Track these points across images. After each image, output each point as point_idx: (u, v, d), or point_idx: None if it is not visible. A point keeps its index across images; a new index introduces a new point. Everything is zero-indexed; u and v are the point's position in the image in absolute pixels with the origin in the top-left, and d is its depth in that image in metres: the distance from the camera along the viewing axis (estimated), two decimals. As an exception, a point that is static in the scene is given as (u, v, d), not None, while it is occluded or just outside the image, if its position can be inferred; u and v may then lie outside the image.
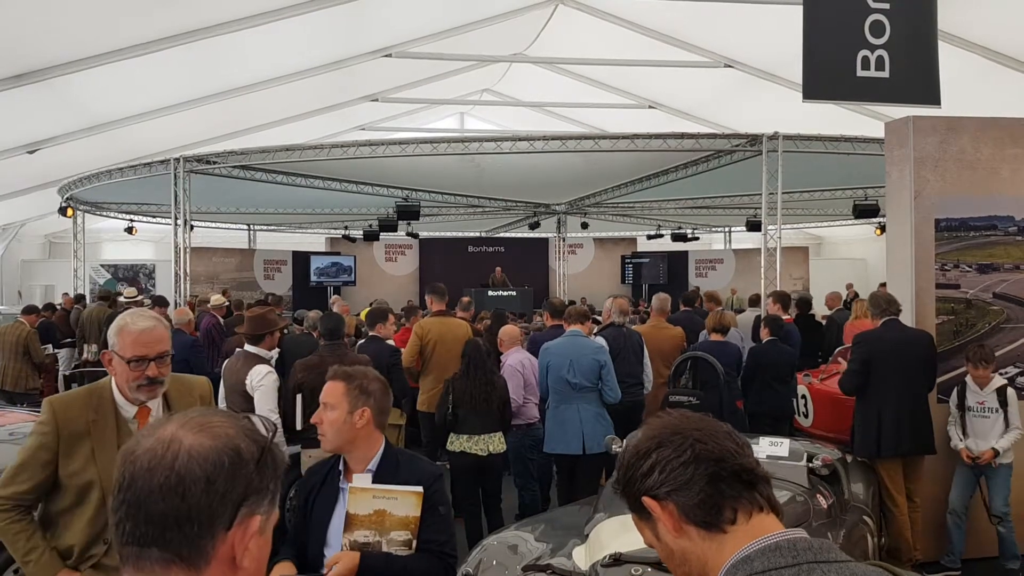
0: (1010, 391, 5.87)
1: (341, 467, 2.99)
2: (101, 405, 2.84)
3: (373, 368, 6.04)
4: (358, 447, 2.96)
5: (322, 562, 2.85)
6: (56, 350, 12.93)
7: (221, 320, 10.99)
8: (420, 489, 2.80)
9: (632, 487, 1.43)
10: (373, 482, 2.85)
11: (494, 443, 6.25)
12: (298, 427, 5.83)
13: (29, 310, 11.80)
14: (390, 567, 2.76)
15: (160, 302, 11.91)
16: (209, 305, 11.78)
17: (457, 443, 6.25)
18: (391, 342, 7.85)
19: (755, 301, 11.86)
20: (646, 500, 1.39)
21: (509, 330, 7.55)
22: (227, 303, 12.55)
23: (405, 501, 2.77)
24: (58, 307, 15.07)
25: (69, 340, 13.46)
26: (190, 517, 1.12)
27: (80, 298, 15.95)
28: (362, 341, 7.44)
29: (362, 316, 9.41)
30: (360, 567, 2.70)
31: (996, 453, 5.81)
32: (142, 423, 2.81)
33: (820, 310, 13.25)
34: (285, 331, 9.15)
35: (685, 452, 1.37)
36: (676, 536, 1.38)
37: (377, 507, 2.78)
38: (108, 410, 2.84)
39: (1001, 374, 6.17)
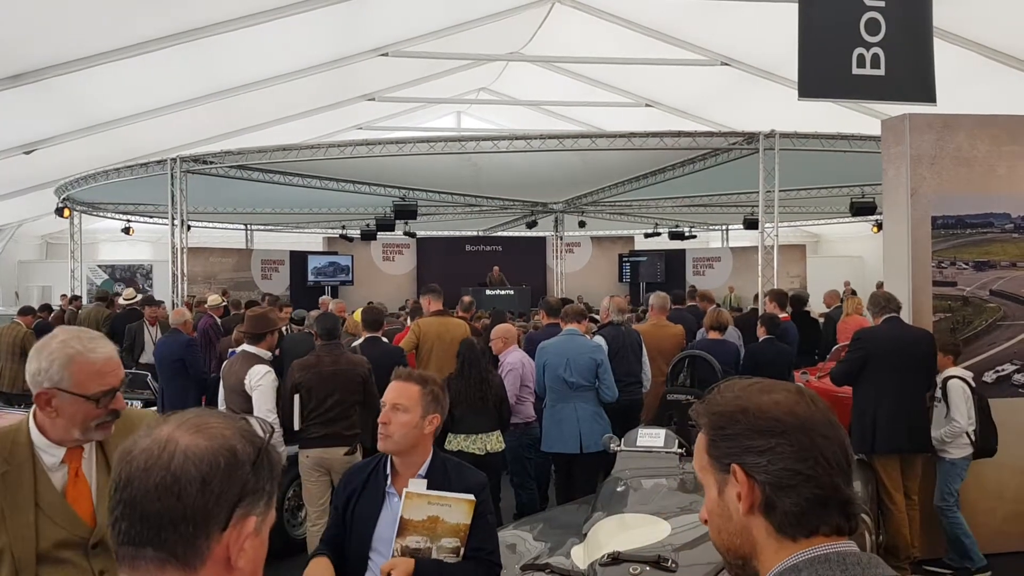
0: (952, 383, 5.89)
1: (389, 471, 2.94)
2: (15, 452, 2.19)
3: (367, 369, 6.04)
4: (416, 453, 2.92)
5: (367, 566, 2.85)
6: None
7: (218, 320, 10.99)
8: (473, 497, 2.79)
9: (728, 444, 1.35)
10: (410, 483, 2.85)
11: (492, 442, 6.25)
12: (296, 427, 5.83)
13: (25, 311, 11.79)
14: (442, 575, 2.74)
15: (150, 302, 11.88)
16: (206, 305, 11.77)
17: (455, 442, 6.23)
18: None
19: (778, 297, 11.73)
20: (736, 468, 1.33)
21: (503, 329, 7.48)
22: (224, 303, 12.54)
23: (458, 508, 2.76)
24: (56, 308, 15.05)
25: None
26: (185, 517, 1.12)
27: (75, 299, 15.92)
28: (360, 342, 7.42)
29: (355, 316, 9.39)
30: (413, 574, 2.69)
31: None
32: (74, 470, 2.25)
33: (820, 308, 13.26)
34: (284, 331, 9.16)
35: (805, 461, 1.30)
36: (745, 512, 1.33)
37: (431, 513, 2.75)
38: (24, 458, 2.19)
39: (997, 371, 6.20)
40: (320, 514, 5.79)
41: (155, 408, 8.76)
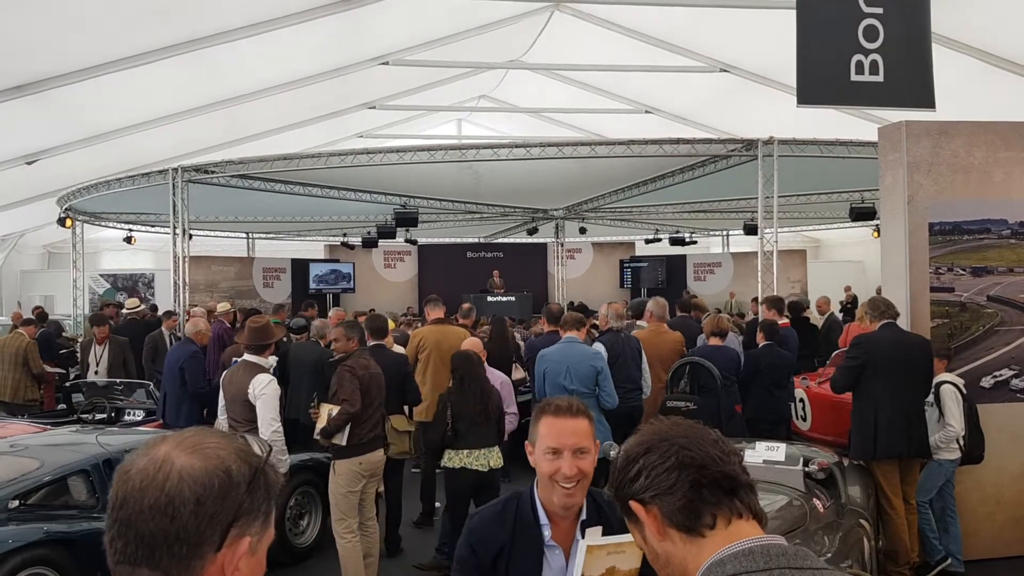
0: (944, 388, 5.92)
1: (546, 521, 2.44)
2: None
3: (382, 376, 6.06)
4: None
5: None
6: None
7: (228, 325, 11.17)
8: None
9: (621, 491, 1.47)
10: (586, 534, 2.44)
11: (493, 458, 6.07)
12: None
13: (28, 322, 11.82)
14: None
15: (168, 313, 12.02)
16: (217, 313, 11.95)
17: (456, 459, 5.98)
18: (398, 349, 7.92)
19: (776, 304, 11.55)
20: (633, 504, 1.44)
21: (470, 344, 6.82)
22: (233, 311, 12.68)
23: (632, 554, 2.37)
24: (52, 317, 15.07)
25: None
26: (179, 537, 1.14)
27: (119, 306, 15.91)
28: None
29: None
30: None
31: None
32: None
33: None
34: (284, 339, 9.20)
35: (670, 458, 1.41)
36: (660, 539, 1.42)
37: (609, 564, 2.37)
38: None
39: (995, 376, 6.22)
40: (355, 527, 5.72)
41: (156, 419, 8.80)
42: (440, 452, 6.10)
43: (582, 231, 22.13)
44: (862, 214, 16.01)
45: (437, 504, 7.61)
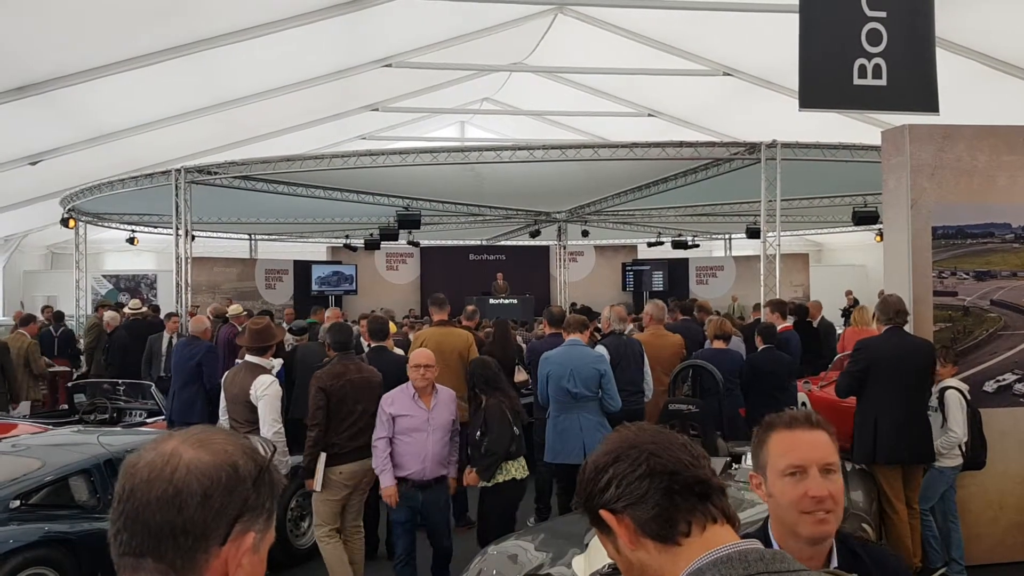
0: (949, 393, 5.89)
1: None
2: None
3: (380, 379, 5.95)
4: None
5: None
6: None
7: (240, 328, 11.15)
8: None
9: (591, 502, 1.44)
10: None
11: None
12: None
13: (27, 320, 11.83)
14: None
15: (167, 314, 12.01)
16: (228, 314, 11.94)
17: (521, 469, 5.76)
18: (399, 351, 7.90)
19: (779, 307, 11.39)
20: (604, 514, 1.41)
21: (422, 355, 5.77)
22: (245, 312, 12.68)
23: None
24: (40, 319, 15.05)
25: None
26: (185, 530, 1.14)
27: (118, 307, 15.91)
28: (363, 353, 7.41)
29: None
30: None
31: None
32: None
33: (834, 317, 13.20)
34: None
35: (640, 466, 1.38)
36: (633, 549, 1.38)
37: None
38: None
39: (998, 381, 6.20)
40: (335, 531, 5.69)
41: (162, 418, 8.79)
42: (496, 465, 5.68)
43: (584, 234, 22.15)
44: (865, 218, 16.01)
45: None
